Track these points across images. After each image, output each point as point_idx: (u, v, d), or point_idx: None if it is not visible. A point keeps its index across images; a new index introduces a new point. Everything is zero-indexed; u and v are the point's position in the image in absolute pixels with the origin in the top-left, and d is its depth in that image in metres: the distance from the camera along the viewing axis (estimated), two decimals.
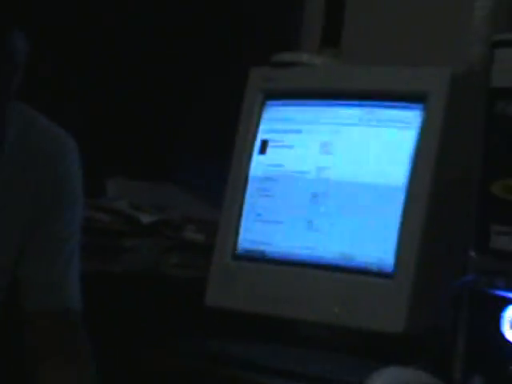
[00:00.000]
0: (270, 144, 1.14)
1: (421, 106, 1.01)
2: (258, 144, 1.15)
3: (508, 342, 0.84)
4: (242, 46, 1.51)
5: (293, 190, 1.10)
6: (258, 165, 1.14)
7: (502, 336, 0.85)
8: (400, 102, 1.04)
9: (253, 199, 1.13)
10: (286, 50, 1.27)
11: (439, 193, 0.99)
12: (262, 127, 1.15)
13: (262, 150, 1.14)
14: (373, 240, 1.03)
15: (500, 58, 0.87)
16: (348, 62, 1.25)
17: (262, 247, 1.11)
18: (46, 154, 0.98)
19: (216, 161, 1.38)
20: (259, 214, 1.12)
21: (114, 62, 1.48)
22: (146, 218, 1.20)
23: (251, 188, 1.13)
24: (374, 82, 1.08)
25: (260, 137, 1.14)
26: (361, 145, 1.07)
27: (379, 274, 1.01)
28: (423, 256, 0.98)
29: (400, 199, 1.00)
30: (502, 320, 0.84)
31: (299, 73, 1.17)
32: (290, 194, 1.10)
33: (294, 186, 1.10)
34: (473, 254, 0.87)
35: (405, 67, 1.09)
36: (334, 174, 1.07)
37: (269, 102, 1.16)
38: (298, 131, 1.12)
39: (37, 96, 1.06)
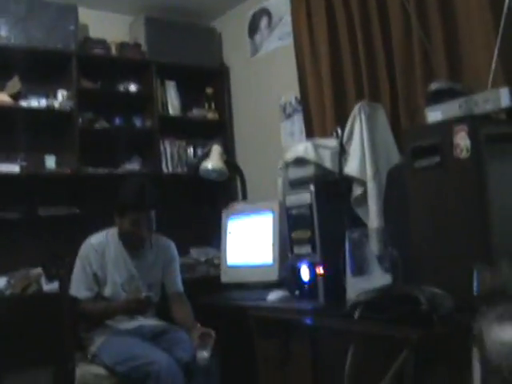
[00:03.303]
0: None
1: (272, 213, 3.27)
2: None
3: None
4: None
5: None
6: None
7: None
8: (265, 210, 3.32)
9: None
10: None
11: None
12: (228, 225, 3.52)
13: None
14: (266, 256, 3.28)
15: None
16: None
17: None
18: (166, 245, 3.17)
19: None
20: None
21: None
22: (202, 258, 3.72)
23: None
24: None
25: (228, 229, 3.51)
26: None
27: (269, 265, 3.25)
28: (281, 261, 3.16)
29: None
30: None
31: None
32: None
33: None
34: None
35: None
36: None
37: (230, 218, 3.52)
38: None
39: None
